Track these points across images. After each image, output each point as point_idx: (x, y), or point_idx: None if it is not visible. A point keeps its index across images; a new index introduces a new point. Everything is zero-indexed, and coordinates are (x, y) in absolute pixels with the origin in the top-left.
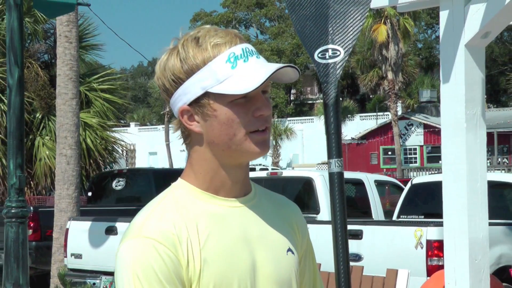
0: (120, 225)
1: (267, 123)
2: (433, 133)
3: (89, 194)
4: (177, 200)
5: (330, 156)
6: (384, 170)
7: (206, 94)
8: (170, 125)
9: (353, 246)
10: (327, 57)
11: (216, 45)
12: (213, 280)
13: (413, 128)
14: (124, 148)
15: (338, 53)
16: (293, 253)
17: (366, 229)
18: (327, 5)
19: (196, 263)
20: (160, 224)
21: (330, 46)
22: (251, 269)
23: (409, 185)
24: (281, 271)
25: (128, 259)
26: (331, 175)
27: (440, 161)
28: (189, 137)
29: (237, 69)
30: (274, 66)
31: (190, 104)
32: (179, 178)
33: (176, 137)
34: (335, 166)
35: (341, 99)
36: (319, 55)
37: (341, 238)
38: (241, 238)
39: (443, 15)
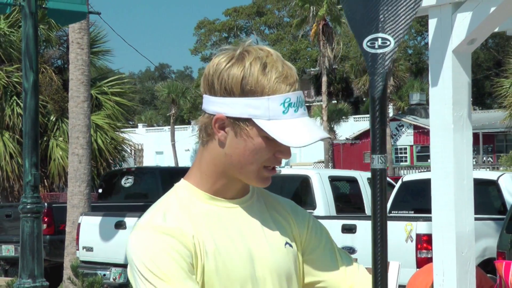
0: (128, 220)
1: (279, 163)
2: (422, 133)
3: (100, 191)
4: (180, 200)
5: (374, 151)
6: None
7: (249, 120)
8: (175, 126)
9: (347, 239)
10: (376, 46)
11: (279, 82)
12: (215, 273)
13: (403, 129)
14: (132, 148)
15: (388, 43)
16: (291, 246)
17: (360, 224)
18: None
19: (200, 256)
20: (166, 219)
21: (380, 35)
22: (250, 259)
23: (400, 182)
24: (280, 261)
25: (138, 246)
26: (373, 171)
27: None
28: (209, 137)
29: (287, 116)
30: (316, 136)
31: (229, 117)
32: (182, 179)
33: (181, 138)
34: (378, 162)
35: (335, 101)
36: (368, 44)
37: (381, 235)
38: (238, 235)
39: (432, 23)
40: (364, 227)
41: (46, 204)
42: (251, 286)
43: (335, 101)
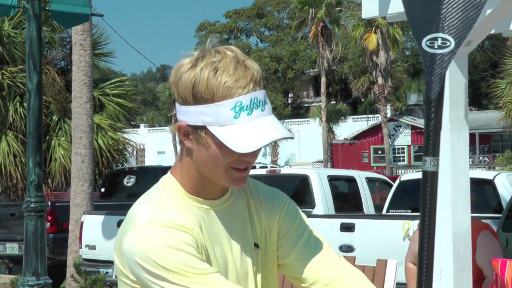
0: None
1: (248, 164)
2: (419, 133)
3: (102, 190)
4: (170, 196)
5: (426, 153)
6: (375, 168)
7: (205, 127)
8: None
9: (346, 238)
10: (436, 46)
11: (228, 88)
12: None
13: (401, 129)
14: (134, 148)
15: (448, 43)
16: (258, 247)
17: (358, 223)
18: None
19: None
20: (165, 214)
21: (441, 34)
22: (224, 267)
23: (397, 181)
24: (248, 266)
25: (143, 245)
26: (424, 173)
27: None
28: (182, 143)
29: (238, 120)
30: (266, 139)
31: (189, 125)
32: (169, 172)
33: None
34: (430, 165)
35: (334, 102)
36: (428, 43)
37: (428, 240)
38: (214, 239)
39: None
40: (362, 226)
41: (49, 203)
42: None
43: (334, 102)
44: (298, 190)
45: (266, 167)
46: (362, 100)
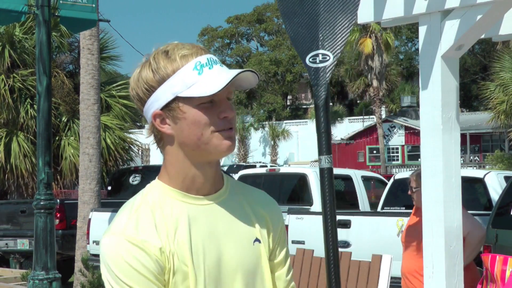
0: None
1: (231, 124)
2: (413, 134)
3: (109, 188)
4: (154, 203)
5: (320, 152)
6: (370, 167)
7: (176, 99)
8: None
9: (342, 234)
10: (318, 61)
11: (184, 56)
12: (183, 277)
13: (395, 130)
14: (140, 148)
15: (328, 57)
16: (260, 242)
17: (354, 219)
18: (317, 13)
19: (172, 263)
20: (139, 230)
21: (321, 51)
22: (217, 263)
23: (391, 180)
24: (246, 261)
25: (110, 254)
26: (321, 170)
27: (419, 159)
28: (162, 140)
29: (203, 75)
30: (235, 72)
31: (162, 109)
32: (156, 178)
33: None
34: (325, 162)
35: (331, 104)
36: (310, 60)
37: (331, 227)
38: (209, 234)
39: (422, 30)
40: (358, 222)
41: (58, 200)
42: None
43: (331, 104)
44: (297, 188)
45: (266, 166)
46: (358, 102)
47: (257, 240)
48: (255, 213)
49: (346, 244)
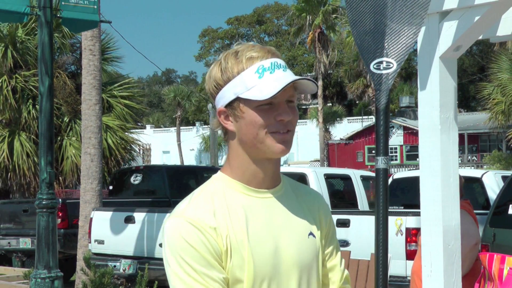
0: (137, 215)
1: (288, 127)
2: (411, 134)
3: (110, 187)
4: (215, 191)
5: (378, 153)
6: (369, 166)
7: (237, 99)
8: (181, 127)
9: (342, 233)
10: (381, 68)
11: (250, 58)
12: (239, 263)
13: (394, 130)
14: (141, 148)
15: (392, 65)
16: (314, 236)
17: (353, 218)
18: (384, 23)
19: (227, 246)
20: (197, 211)
21: (385, 59)
22: (274, 252)
23: (390, 179)
24: (302, 253)
25: (170, 234)
26: (377, 170)
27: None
28: (226, 134)
29: (263, 79)
30: (290, 78)
31: (226, 106)
32: (219, 171)
33: (186, 138)
34: (381, 163)
35: (331, 104)
36: (375, 66)
37: (382, 230)
38: (266, 225)
39: (420, 31)
40: (357, 222)
41: (60, 200)
42: (273, 280)
43: (330, 104)
44: None
45: None
46: (357, 102)
47: (311, 234)
48: (309, 208)
49: (346, 243)
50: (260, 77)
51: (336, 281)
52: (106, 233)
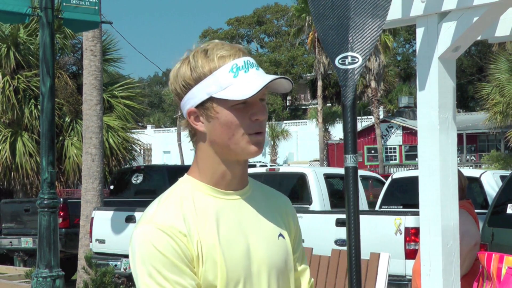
0: (138, 215)
1: (261, 128)
2: (410, 134)
3: (111, 187)
4: (182, 195)
5: (346, 152)
6: (368, 166)
7: (210, 99)
8: (181, 127)
9: (341, 232)
10: (347, 63)
11: (222, 56)
12: (212, 267)
13: (393, 130)
14: (142, 147)
15: (357, 60)
16: (284, 238)
17: None
18: (348, 17)
19: (199, 251)
20: (166, 217)
21: (350, 53)
22: (246, 254)
23: (389, 179)
24: (273, 255)
25: (140, 242)
26: (346, 169)
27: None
28: (195, 136)
29: (238, 78)
30: (270, 77)
31: (197, 107)
32: (185, 174)
33: (187, 138)
34: (350, 161)
35: (330, 104)
36: (340, 61)
37: (354, 226)
38: (236, 227)
39: (419, 32)
40: None
41: (61, 199)
42: (246, 282)
43: (330, 104)
44: (296, 187)
45: (266, 165)
46: (357, 102)
47: (281, 235)
48: (278, 210)
49: (345, 243)
50: (235, 76)
51: (305, 286)
52: (107, 232)
